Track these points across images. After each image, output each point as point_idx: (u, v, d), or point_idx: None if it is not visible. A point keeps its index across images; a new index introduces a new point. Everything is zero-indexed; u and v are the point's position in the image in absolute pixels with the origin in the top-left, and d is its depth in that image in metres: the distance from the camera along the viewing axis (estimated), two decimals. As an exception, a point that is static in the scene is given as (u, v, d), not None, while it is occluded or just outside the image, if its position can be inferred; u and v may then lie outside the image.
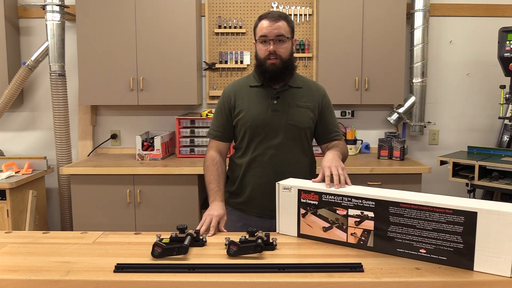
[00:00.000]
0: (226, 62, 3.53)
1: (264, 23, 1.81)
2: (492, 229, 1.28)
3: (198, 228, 1.65)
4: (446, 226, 1.35)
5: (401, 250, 1.43)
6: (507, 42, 2.99)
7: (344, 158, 1.87)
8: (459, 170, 2.90)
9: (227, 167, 2.01)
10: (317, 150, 2.05)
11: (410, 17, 3.41)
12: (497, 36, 3.05)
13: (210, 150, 1.97)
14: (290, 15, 3.48)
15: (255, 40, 1.87)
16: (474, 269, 1.32)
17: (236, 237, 1.50)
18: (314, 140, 2.01)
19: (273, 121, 1.85)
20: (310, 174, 1.96)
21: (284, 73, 1.85)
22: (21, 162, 3.30)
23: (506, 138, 3.40)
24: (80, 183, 3.05)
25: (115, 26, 3.22)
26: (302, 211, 1.61)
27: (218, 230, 1.71)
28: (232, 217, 1.92)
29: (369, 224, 1.48)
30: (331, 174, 1.61)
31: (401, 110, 3.48)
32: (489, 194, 3.06)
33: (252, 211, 1.92)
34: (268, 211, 1.85)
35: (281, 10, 3.46)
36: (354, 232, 1.51)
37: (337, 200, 1.53)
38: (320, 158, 1.80)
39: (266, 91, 1.89)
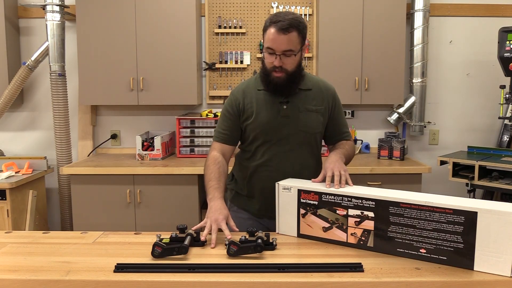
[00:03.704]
0: (226, 62, 3.53)
1: (273, 32, 1.66)
2: (492, 229, 1.28)
3: (203, 238, 1.55)
4: (446, 226, 1.35)
5: (401, 250, 1.43)
6: (507, 42, 2.99)
7: (349, 158, 1.85)
8: (459, 170, 2.90)
9: (233, 166, 1.98)
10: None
11: (410, 17, 3.41)
12: (497, 36, 3.04)
13: (213, 151, 1.87)
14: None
15: (262, 45, 1.75)
16: (474, 269, 1.32)
17: (236, 237, 1.50)
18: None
19: (283, 127, 1.79)
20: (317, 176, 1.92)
21: (290, 86, 1.76)
22: (21, 162, 3.30)
23: (506, 138, 3.40)
24: (80, 183, 3.05)
25: (115, 26, 3.22)
26: (302, 211, 1.61)
27: (230, 230, 1.62)
28: (241, 215, 1.91)
29: (369, 224, 1.48)
30: (332, 175, 1.61)
31: (401, 110, 3.47)
32: (489, 194, 3.06)
33: (262, 214, 1.88)
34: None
35: (280, 9, 3.44)
36: (354, 232, 1.51)
37: (337, 200, 1.53)
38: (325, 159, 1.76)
39: (274, 95, 1.80)
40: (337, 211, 1.53)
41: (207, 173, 1.80)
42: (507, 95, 3.03)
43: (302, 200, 1.61)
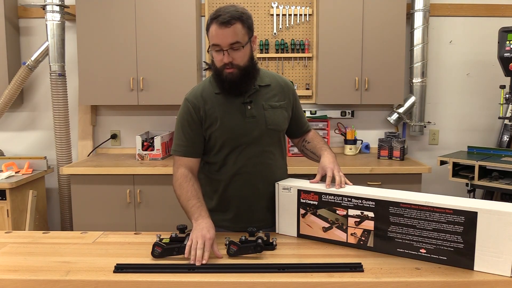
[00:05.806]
0: (226, 62, 3.53)
1: (215, 28, 1.57)
2: (492, 229, 1.28)
3: (186, 255, 1.43)
4: (446, 226, 1.35)
5: (401, 250, 1.43)
6: (507, 42, 2.98)
7: None
8: (459, 170, 2.90)
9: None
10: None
11: (410, 17, 3.41)
12: (497, 36, 3.04)
13: (179, 168, 1.70)
14: (290, 15, 3.48)
15: (209, 45, 1.63)
16: (474, 269, 1.32)
17: (236, 237, 1.50)
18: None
19: (252, 128, 1.70)
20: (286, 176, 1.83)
21: (245, 81, 1.65)
22: (21, 162, 3.30)
23: (506, 138, 3.40)
24: (80, 183, 3.05)
25: (115, 26, 3.22)
26: (302, 211, 1.61)
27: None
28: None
29: (369, 224, 1.48)
30: (333, 175, 1.61)
31: (401, 110, 3.47)
32: (489, 194, 3.06)
33: (241, 226, 1.71)
34: (257, 222, 1.72)
35: (280, 9, 3.46)
36: (354, 232, 1.51)
37: (337, 200, 1.53)
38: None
39: (231, 94, 1.69)
40: (337, 211, 1.54)
41: (182, 193, 1.64)
42: (507, 95, 3.02)
43: (302, 200, 1.61)
